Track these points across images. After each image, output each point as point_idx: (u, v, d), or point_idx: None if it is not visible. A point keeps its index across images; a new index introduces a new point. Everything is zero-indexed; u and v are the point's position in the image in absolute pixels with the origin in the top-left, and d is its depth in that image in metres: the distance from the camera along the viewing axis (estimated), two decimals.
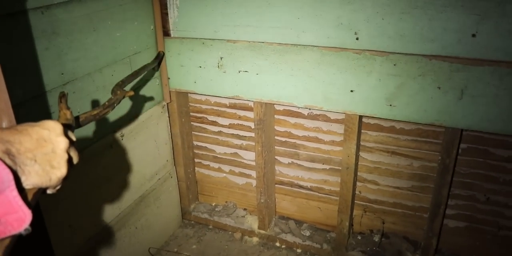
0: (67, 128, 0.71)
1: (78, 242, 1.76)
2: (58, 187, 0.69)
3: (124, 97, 1.30)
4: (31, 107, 1.46)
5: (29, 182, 0.62)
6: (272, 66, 1.83)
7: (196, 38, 1.92)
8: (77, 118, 0.94)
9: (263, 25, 1.79)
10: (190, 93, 2.16)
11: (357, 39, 1.67)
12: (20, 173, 0.61)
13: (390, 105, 1.70)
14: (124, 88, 1.41)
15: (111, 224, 1.93)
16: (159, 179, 2.22)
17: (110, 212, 1.92)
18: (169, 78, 2.06)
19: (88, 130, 1.73)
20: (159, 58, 1.95)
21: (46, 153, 0.64)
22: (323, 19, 1.68)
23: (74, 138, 0.73)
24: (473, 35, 1.52)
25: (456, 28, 1.52)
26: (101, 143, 1.80)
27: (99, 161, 1.81)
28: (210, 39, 1.90)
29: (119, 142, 1.90)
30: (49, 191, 0.70)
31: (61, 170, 0.66)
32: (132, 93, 1.33)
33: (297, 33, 1.75)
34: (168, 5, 1.91)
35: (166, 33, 1.97)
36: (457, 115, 1.63)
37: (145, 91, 2.00)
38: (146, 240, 2.19)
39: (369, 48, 1.66)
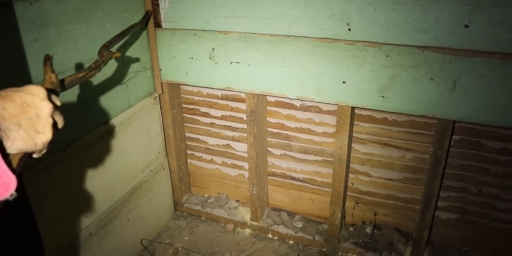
0: (51, 92, 0.71)
1: (69, 234, 1.75)
2: (43, 151, 0.70)
3: (110, 58, 1.26)
4: None
5: (14, 147, 0.63)
6: (264, 57, 1.82)
7: (188, 29, 1.90)
8: (62, 81, 0.92)
9: (254, 16, 1.77)
10: (182, 84, 2.14)
11: (349, 30, 1.65)
12: (4, 139, 0.62)
13: (383, 96, 1.70)
14: (111, 50, 1.37)
15: (102, 216, 1.92)
16: (151, 170, 2.21)
17: (102, 204, 1.91)
18: (160, 70, 2.04)
19: (79, 121, 1.71)
20: (147, 17, 1.87)
21: (30, 118, 0.64)
22: (315, 10, 1.67)
23: (58, 103, 0.72)
24: (466, 26, 1.51)
25: (449, 19, 1.51)
26: (92, 134, 1.79)
27: (91, 152, 1.80)
28: (201, 30, 1.88)
29: (110, 134, 1.89)
30: (35, 155, 0.70)
31: (46, 135, 0.66)
32: (118, 54, 1.28)
33: (289, 24, 1.73)
34: None
35: (158, 24, 1.95)
36: (450, 106, 1.62)
37: (136, 82, 1.98)
38: (139, 232, 2.19)
39: (361, 39, 1.65)
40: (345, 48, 1.67)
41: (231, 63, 1.88)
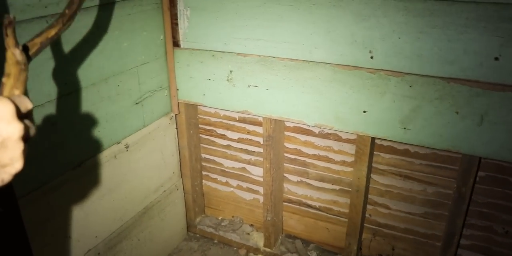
0: (18, 98, 0.54)
1: (77, 254, 1.72)
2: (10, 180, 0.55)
3: None
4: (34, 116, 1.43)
5: None
6: (282, 82, 1.76)
7: (206, 50, 1.87)
8: (26, 49, 0.66)
9: (274, 39, 1.72)
10: (199, 105, 2.10)
11: (371, 57, 1.58)
12: None
13: (404, 128, 1.61)
14: None
15: (112, 236, 1.88)
16: (165, 191, 2.17)
17: (112, 224, 1.87)
18: (177, 89, 2.01)
19: (91, 140, 1.69)
20: None
21: None
22: (336, 36, 1.61)
23: (30, 106, 0.55)
24: (496, 58, 1.42)
25: (478, 50, 1.43)
26: (104, 154, 1.76)
27: (102, 172, 1.77)
28: (220, 51, 1.84)
29: (123, 153, 1.85)
30: None
31: (16, 166, 0.53)
32: None
33: (309, 49, 1.67)
34: (178, 15, 1.86)
35: (176, 44, 1.92)
36: (476, 142, 1.53)
37: (152, 101, 1.95)
38: (149, 253, 2.14)
39: (384, 67, 1.58)
40: (367, 76, 1.60)
41: (248, 86, 1.83)
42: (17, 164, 0.53)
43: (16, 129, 0.51)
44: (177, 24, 1.89)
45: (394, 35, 1.52)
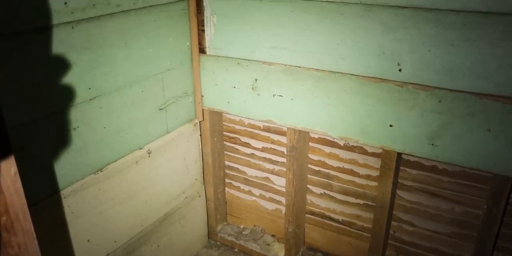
0: None
1: None
2: None
3: None
4: (55, 121, 1.44)
5: None
6: (307, 92, 1.72)
7: (232, 58, 1.84)
8: None
9: (300, 48, 1.68)
10: (223, 113, 2.08)
11: (399, 70, 1.52)
12: None
13: (432, 144, 1.54)
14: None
15: (131, 241, 1.88)
16: (186, 197, 2.15)
17: (131, 229, 1.87)
18: (202, 96, 1.99)
19: (113, 145, 1.68)
20: None
21: None
22: (364, 47, 1.55)
23: None
24: None
25: None
26: (126, 159, 1.76)
27: (124, 177, 1.76)
28: (245, 59, 1.81)
29: (145, 159, 1.85)
30: None
31: None
32: None
33: (335, 59, 1.63)
34: (205, 22, 1.85)
35: (202, 50, 1.91)
36: (509, 162, 1.45)
37: (176, 108, 1.94)
38: None
39: (412, 81, 1.52)
40: (394, 89, 1.54)
41: (273, 95, 1.80)
42: None
43: None
44: (203, 30, 1.87)
45: (423, 48, 1.46)
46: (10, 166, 0.60)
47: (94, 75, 1.54)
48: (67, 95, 1.47)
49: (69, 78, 1.46)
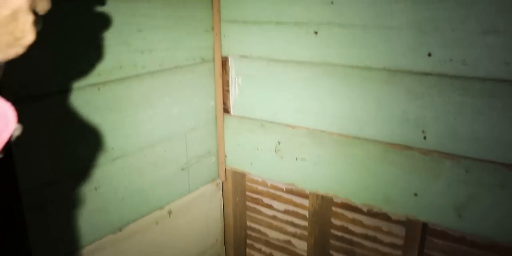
0: None
1: None
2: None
3: None
4: (77, 181, 1.45)
5: None
6: (331, 157, 1.69)
7: (256, 119, 1.85)
8: None
9: (324, 113, 1.67)
10: (246, 173, 2.06)
11: (424, 138, 1.49)
12: None
13: (459, 215, 1.48)
14: None
15: None
16: None
17: None
18: (226, 156, 1.99)
19: (133, 205, 1.68)
20: None
21: (4, 23, 0.51)
22: (388, 113, 1.53)
23: None
24: None
25: None
26: (146, 219, 1.74)
27: (143, 237, 1.74)
28: (269, 121, 1.81)
29: (165, 219, 1.83)
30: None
31: (27, 38, 0.54)
32: None
33: (359, 124, 1.61)
34: (230, 83, 1.88)
35: (226, 110, 1.92)
36: None
37: (199, 167, 1.94)
38: None
39: (438, 149, 1.47)
40: (419, 157, 1.50)
41: (296, 159, 1.78)
42: (29, 36, 0.54)
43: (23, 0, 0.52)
44: (228, 90, 1.90)
45: (449, 116, 1.43)
46: None
47: (117, 136, 1.56)
48: (90, 155, 1.49)
49: (92, 139, 1.48)
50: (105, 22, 1.45)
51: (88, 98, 1.44)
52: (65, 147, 1.39)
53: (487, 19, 1.31)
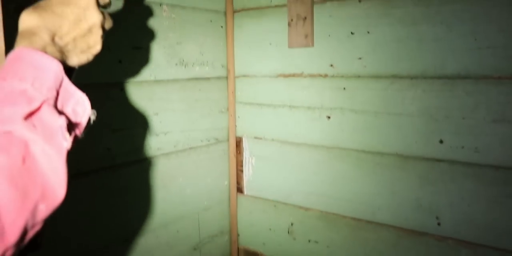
0: None
1: None
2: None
3: None
4: None
5: (66, 66, 0.63)
6: (344, 241, 1.67)
7: (269, 199, 1.85)
8: None
9: (337, 196, 1.67)
10: (259, 253, 2.03)
11: (438, 224, 1.47)
12: (64, 59, 0.62)
13: None
14: None
15: None
16: None
17: None
18: (238, 235, 1.97)
19: None
20: None
21: (83, 34, 0.64)
22: (401, 198, 1.53)
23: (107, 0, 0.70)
24: None
25: None
26: None
27: None
28: (282, 202, 1.81)
29: None
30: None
31: (97, 47, 0.67)
32: None
33: (372, 209, 1.60)
34: (243, 163, 1.90)
35: (240, 190, 1.93)
36: None
37: (211, 247, 1.92)
38: None
39: (452, 236, 1.45)
40: (433, 244, 1.47)
41: (309, 241, 1.76)
42: (98, 46, 0.67)
43: (99, 17, 0.66)
44: (242, 170, 1.92)
45: (463, 203, 1.42)
46: None
47: (130, 217, 1.57)
48: (100, 237, 1.49)
49: (105, 221, 1.49)
50: (123, 106, 1.51)
51: (103, 180, 1.47)
52: (76, 230, 1.39)
53: (497, 108, 1.33)
